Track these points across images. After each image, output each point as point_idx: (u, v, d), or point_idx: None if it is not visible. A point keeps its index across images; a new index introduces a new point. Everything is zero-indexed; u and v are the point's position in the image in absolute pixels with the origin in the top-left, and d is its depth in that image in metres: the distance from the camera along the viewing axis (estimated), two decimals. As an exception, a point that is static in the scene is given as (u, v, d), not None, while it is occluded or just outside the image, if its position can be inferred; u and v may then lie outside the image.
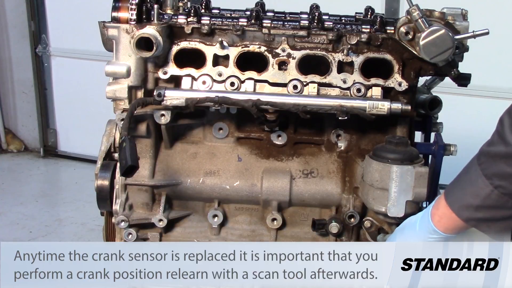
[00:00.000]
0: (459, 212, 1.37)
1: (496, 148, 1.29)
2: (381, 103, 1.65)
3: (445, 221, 1.42)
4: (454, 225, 1.41)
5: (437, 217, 1.43)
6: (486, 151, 1.32)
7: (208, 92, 1.67)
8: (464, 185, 1.36)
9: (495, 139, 1.30)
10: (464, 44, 1.67)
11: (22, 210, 4.13)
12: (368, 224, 1.76)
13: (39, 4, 4.89)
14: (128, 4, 1.68)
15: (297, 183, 1.77)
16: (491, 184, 1.30)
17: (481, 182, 1.31)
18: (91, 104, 4.61)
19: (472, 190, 1.33)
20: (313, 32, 1.69)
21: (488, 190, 1.30)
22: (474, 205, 1.33)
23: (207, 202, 1.81)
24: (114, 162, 1.78)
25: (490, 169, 1.30)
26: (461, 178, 1.39)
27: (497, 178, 1.29)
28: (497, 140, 1.29)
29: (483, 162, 1.32)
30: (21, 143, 5.33)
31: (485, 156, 1.32)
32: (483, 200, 1.32)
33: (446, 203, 1.39)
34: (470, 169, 1.35)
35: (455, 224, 1.41)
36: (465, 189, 1.35)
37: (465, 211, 1.36)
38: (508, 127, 1.27)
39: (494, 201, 1.31)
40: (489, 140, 1.34)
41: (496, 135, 1.30)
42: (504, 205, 1.31)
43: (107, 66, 1.68)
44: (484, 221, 1.35)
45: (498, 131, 1.30)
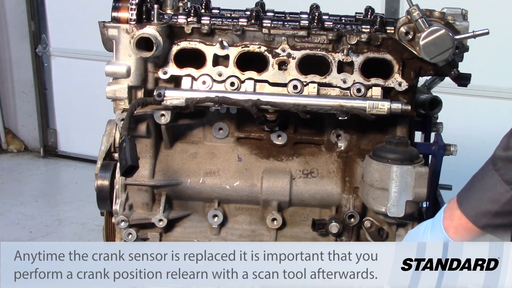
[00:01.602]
0: (476, 220, 1.34)
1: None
2: (381, 103, 1.65)
3: (461, 231, 1.38)
4: (470, 234, 1.38)
5: (452, 229, 1.39)
6: (503, 156, 1.29)
7: (208, 92, 1.67)
8: (480, 192, 1.33)
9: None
10: (464, 44, 1.67)
11: (22, 210, 4.13)
12: (368, 224, 1.76)
13: (39, 4, 4.90)
14: (128, 4, 1.67)
15: (297, 183, 1.77)
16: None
17: (500, 187, 1.28)
18: (91, 104, 4.62)
19: (490, 196, 1.30)
20: (313, 32, 1.69)
21: (509, 196, 1.28)
22: (492, 211, 1.30)
23: (207, 202, 1.81)
24: (114, 162, 1.78)
25: (510, 174, 1.27)
26: (476, 185, 1.35)
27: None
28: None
29: (501, 167, 1.29)
30: (21, 143, 5.33)
31: (503, 161, 1.29)
32: (502, 205, 1.29)
33: (461, 212, 1.36)
34: (486, 175, 1.32)
35: (471, 233, 1.38)
36: (481, 196, 1.32)
37: (483, 218, 1.33)
38: None
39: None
40: (503, 145, 1.31)
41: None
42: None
43: (107, 66, 1.68)
44: (502, 226, 1.33)
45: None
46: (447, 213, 1.42)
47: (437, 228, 1.43)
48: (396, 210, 1.62)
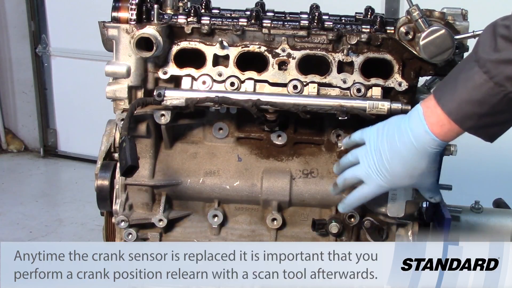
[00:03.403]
0: (463, 123, 1.33)
1: (508, 54, 1.24)
2: (381, 103, 1.65)
3: (449, 135, 1.37)
4: (455, 135, 1.37)
5: (439, 134, 1.37)
6: (493, 58, 1.27)
7: (208, 92, 1.67)
8: (466, 95, 1.30)
9: (502, 44, 1.26)
10: (464, 44, 1.67)
11: (22, 210, 4.13)
12: (368, 224, 1.75)
13: (39, 4, 4.90)
14: (128, 4, 1.67)
15: (297, 183, 1.77)
16: (503, 91, 1.26)
17: (491, 89, 1.27)
18: (91, 104, 4.61)
19: (478, 98, 1.28)
20: (313, 32, 1.69)
21: (499, 97, 1.27)
22: (480, 113, 1.30)
23: (207, 202, 1.81)
24: (114, 162, 1.78)
25: (502, 76, 1.26)
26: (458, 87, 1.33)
27: (510, 84, 1.25)
28: (506, 45, 1.25)
29: (491, 69, 1.27)
30: (21, 143, 5.33)
31: (493, 63, 1.26)
32: (491, 107, 1.28)
33: (444, 113, 1.34)
34: (472, 77, 1.30)
35: (457, 134, 1.37)
36: (468, 99, 1.30)
37: (469, 120, 1.32)
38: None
39: (503, 106, 1.28)
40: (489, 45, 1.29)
41: (501, 40, 1.26)
42: (509, 109, 1.29)
43: (107, 66, 1.68)
44: (484, 127, 1.33)
45: (503, 35, 1.26)
46: (428, 116, 1.38)
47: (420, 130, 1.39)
48: (396, 210, 1.62)
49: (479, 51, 1.32)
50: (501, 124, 1.34)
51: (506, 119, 1.33)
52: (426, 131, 1.39)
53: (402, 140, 1.44)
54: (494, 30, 1.30)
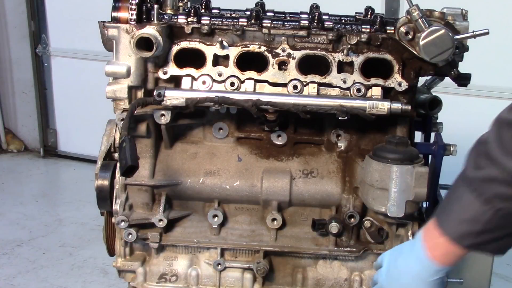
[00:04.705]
0: (461, 242, 1.32)
1: (489, 171, 1.24)
2: (381, 103, 1.65)
3: (449, 257, 1.36)
4: (456, 257, 1.36)
5: (439, 256, 1.36)
6: (477, 177, 1.27)
7: (208, 92, 1.67)
8: (459, 215, 1.31)
9: (483, 162, 1.26)
10: (464, 44, 1.67)
11: (22, 210, 4.14)
12: (368, 224, 1.76)
13: (39, 4, 4.90)
14: (128, 4, 1.67)
15: (297, 183, 1.77)
16: (492, 209, 1.26)
17: (479, 207, 1.27)
18: (91, 104, 4.62)
19: (470, 217, 1.29)
20: (313, 32, 1.69)
21: (489, 215, 1.26)
22: (475, 231, 1.29)
23: (207, 202, 1.81)
24: (114, 162, 1.78)
25: (487, 194, 1.26)
26: (452, 208, 1.33)
27: (498, 201, 1.25)
28: (487, 163, 1.25)
29: (476, 188, 1.27)
30: (21, 143, 5.34)
31: (477, 182, 1.27)
32: (484, 224, 1.28)
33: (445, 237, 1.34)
34: (462, 197, 1.30)
35: (458, 255, 1.36)
36: (461, 219, 1.30)
37: (466, 239, 1.31)
38: (496, 147, 1.22)
39: (496, 223, 1.27)
40: (473, 164, 1.29)
41: (483, 158, 1.26)
42: (506, 224, 1.28)
43: (107, 66, 1.68)
44: (486, 243, 1.32)
45: (484, 153, 1.25)
46: (428, 242, 1.38)
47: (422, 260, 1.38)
48: (396, 210, 1.62)
49: (466, 169, 1.32)
50: (504, 238, 1.31)
51: (507, 233, 1.30)
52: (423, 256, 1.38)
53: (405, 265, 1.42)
54: (476, 147, 1.30)
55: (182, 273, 1.85)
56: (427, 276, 1.38)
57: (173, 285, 1.85)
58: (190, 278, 1.85)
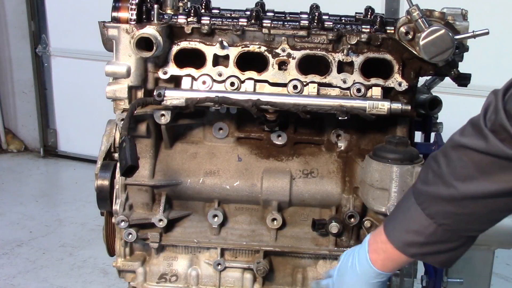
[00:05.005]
0: (405, 250, 1.36)
1: (436, 188, 1.27)
2: (381, 103, 1.65)
3: (391, 264, 1.41)
4: (399, 263, 1.41)
5: (380, 261, 1.41)
6: (424, 191, 1.30)
7: (208, 92, 1.67)
8: (405, 225, 1.34)
9: (431, 178, 1.29)
10: (464, 44, 1.67)
11: (22, 210, 4.14)
12: (368, 224, 1.76)
13: (39, 4, 4.90)
14: (128, 4, 1.67)
15: (297, 183, 1.77)
16: (435, 223, 1.29)
17: (424, 220, 1.30)
18: (91, 104, 4.62)
19: (415, 228, 1.32)
20: (313, 32, 1.69)
21: (432, 228, 1.30)
22: (419, 242, 1.33)
23: (207, 202, 1.81)
24: (114, 162, 1.78)
25: (432, 209, 1.29)
26: (399, 216, 1.37)
27: (441, 217, 1.28)
28: (435, 180, 1.28)
29: (422, 201, 1.31)
30: (21, 143, 5.34)
31: (424, 196, 1.30)
32: (427, 237, 1.31)
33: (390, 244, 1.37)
34: (410, 208, 1.34)
35: (401, 262, 1.40)
36: (407, 229, 1.34)
37: (411, 248, 1.35)
38: (445, 167, 1.25)
39: (439, 237, 1.31)
40: (423, 177, 1.32)
41: (432, 174, 1.29)
42: (449, 239, 1.31)
43: (107, 66, 1.68)
44: (430, 254, 1.35)
45: (433, 170, 1.28)
46: (372, 246, 1.43)
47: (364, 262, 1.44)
48: (396, 210, 1.62)
49: (417, 182, 1.35)
50: (448, 252, 1.34)
51: (450, 247, 1.33)
52: (366, 258, 1.44)
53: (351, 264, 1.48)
54: (428, 162, 1.32)
55: (182, 273, 1.85)
56: (369, 278, 1.44)
57: (173, 285, 1.85)
58: (190, 278, 1.85)
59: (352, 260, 1.48)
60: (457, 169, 1.23)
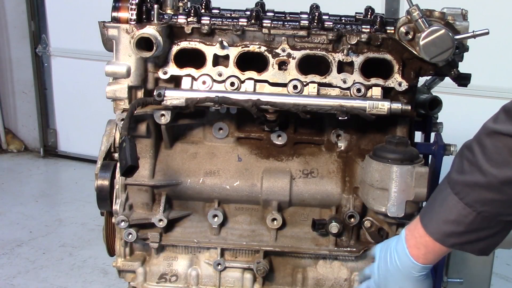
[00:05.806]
0: (445, 241, 1.37)
1: (472, 176, 1.29)
2: (381, 103, 1.65)
3: (432, 256, 1.42)
4: (440, 254, 1.42)
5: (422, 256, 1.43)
6: (461, 180, 1.32)
7: (208, 92, 1.67)
8: (443, 216, 1.36)
9: (467, 167, 1.30)
10: (464, 44, 1.67)
11: (22, 210, 4.14)
12: (368, 224, 1.76)
13: (39, 4, 4.90)
14: (128, 4, 1.67)
15: (297, 183, 1.77)
16: (474, 211, 1.31)
17: (462, 209, 1.32)
18: (91, 104, 4.62)
19: (454, 218, 1.34)
20: (313, 32, 1.69)
21: (472, 217, 1.32)
22: (458, 232, 1.34)
23: (207, 202, 1.81)
24: (114, 162, 1.78)
25: (470, 197, 1.31)
26: (436, 208, 1.38)
27: (479, 205, 1.30)
28: (471, 169, 1.30)
29: (459, 191, 1.32)
30: (21, 143, 5.34)
31: (461, 185, 1.32)
32: (467, 226, 1.33)
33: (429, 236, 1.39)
34: (446, 199, 1.35)
35: (441, 253, 1.42)
36: (445, 220, 1.35)
37: (451, 238, 1.36)
38: (480, 154, 1.27)
39: (478, 224, 1.32)
40: (457, 167, 1.34)
41: (467, 163, 1.31)
42: (488, 226, 1.33)
43: (107, 66, 1.68)
44: (469, 243, 1.37)
45: (468, 158, 1.30)
46: (410, 241, 1.44)
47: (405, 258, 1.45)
48: (396, 210, 1.62)
49: (451, 172, 1.37)
50: (487, 239, 1.36)
51: (489, 234, 1.35)
52: (406, 254, 1.45)
53: (391, 262, 1.49)
54: (461, 152, 1.34)
55: (182, 273, 1.85)
56: (413, 274, 1.45)
57: (173, 285, 1.85)
58: (190, 278, 1.85)
59: (391, 258, 1.49)
60: (493, 156, 1.25)
